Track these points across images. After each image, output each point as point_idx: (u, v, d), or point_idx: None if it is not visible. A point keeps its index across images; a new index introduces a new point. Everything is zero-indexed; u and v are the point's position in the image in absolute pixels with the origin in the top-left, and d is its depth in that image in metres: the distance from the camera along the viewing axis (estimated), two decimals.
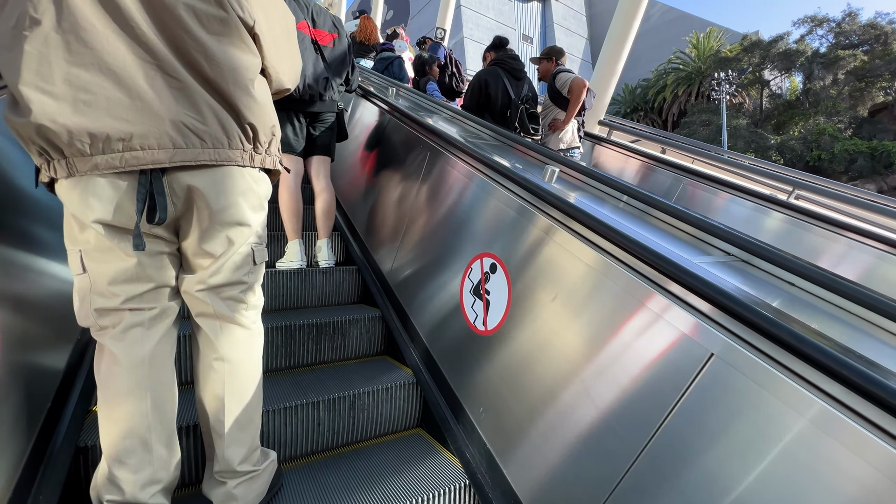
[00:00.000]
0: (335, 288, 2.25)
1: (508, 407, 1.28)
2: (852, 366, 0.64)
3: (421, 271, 1.90)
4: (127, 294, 0.93)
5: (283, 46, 1.14)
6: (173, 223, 0.98)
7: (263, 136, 1.04)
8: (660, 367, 0.93)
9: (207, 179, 0.95)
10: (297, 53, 1.24)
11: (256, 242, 1.09)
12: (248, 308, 1.11)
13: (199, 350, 1.09)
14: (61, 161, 0.83)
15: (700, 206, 3.53)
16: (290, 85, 1.20)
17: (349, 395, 1.54)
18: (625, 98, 26.52)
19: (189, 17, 0.88)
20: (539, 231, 1.35)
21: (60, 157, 0.83)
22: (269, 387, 1.55)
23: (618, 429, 0.98)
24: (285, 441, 1.43)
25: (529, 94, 3.52)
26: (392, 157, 2.56)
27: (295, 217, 2.27)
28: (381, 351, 2.01)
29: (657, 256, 0.96)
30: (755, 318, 0.76)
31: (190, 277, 1.03)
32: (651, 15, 27.54)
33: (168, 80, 0.88)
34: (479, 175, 1.70)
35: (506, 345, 1.36)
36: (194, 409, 1.15)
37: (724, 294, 0.82)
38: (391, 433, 1.63)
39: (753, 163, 4.58)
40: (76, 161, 0.83)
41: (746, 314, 0.78)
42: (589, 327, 1.13)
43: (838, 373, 0.65)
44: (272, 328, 1.73)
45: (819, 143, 17.33)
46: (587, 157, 4.80)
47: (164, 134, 0.87)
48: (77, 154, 0.83)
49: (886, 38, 18.01)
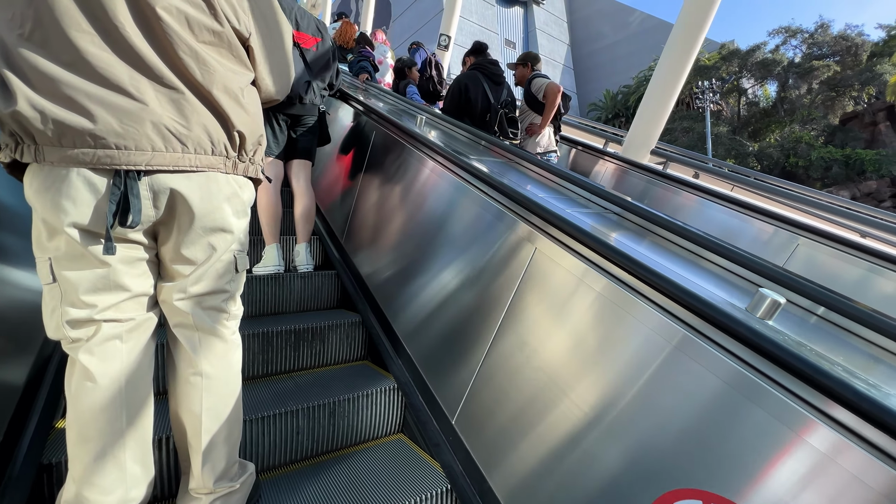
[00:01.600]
0: (314, 292, 2.24)
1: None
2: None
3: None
4: (102, 304, 0.90)
5: (277, 58, 1.14)
6: (153, 228, 0.95)
7: (250, 145, 1.03)
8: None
9: (191, 183, 0.93)
10: (290, 64, 1.24)
11: (239, 249, 1.07)
12: (229, 318, 1.09)
13: (176, 363, 1.06)
14: (31, 147, 0.81)
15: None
16: (280, 96, 1.20)
17: (329, 403, 1.53)
18: (606, 104, 27.16)
19: (180, 23, 0.87)
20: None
21: (31, 142, 0.81)
22: (246, 395, 1.53)
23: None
24: (264, 451, 1.41)
25: (508, 99, 3.60)
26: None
27: (274, 221, 2.25)
28: (362, 356, 2.00)
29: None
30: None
31: (169, 286, 1.00)
32: (631, 22, 28.37)
33: (153, 84, 0.87)
34: (456, 178, 1.71)
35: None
36: (167, 420, 1.12)
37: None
38: (372, 439, 1.62)
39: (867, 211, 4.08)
40: (46, 150, 0.81)
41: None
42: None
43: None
44: (249, 335, 1.71)
45: (796, 151, 18.12)
46: (564, 160, 4.91)
47: (143, 135, 0.85)
48: (48, 143, 0.81)
49: (857, 50, 18.98)
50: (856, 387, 0.63)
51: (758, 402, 0.74)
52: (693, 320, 0.88)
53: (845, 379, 0.65)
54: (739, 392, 0.77)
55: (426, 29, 24.28)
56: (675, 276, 0.93)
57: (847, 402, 0.63)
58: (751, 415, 0.75)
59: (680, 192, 3.79)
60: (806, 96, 19.42)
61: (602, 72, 29.77)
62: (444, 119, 2.88)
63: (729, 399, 0.78)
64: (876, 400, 0.60)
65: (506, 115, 3.49)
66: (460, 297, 1.54)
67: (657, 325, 0.93)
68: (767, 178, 4.99)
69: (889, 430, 0.59)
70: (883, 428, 0.59)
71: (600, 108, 27.53)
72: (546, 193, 1.61)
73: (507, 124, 3.48)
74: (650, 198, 3.99)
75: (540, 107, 3.54)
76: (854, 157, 17.19)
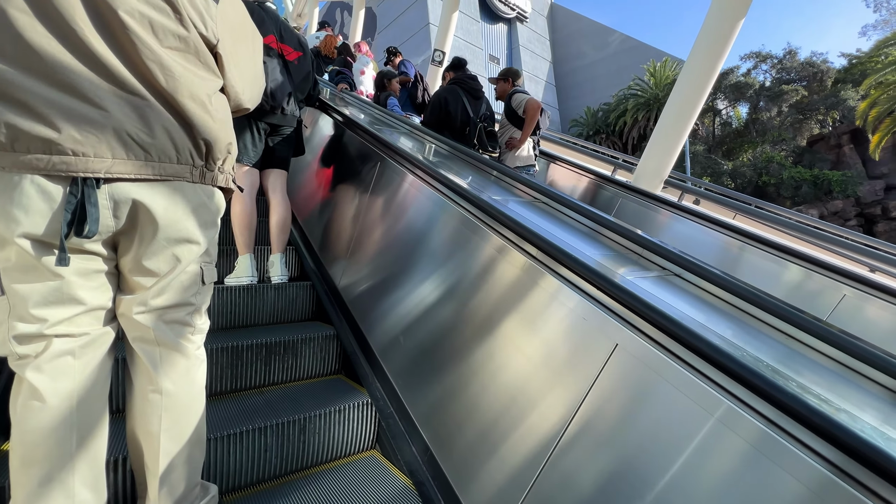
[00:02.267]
0: (288, 304, 2.20)
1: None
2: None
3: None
4: (53, 318, 0.86)
5: (247, 67, 1.13)
6: (112, 239, 0.92)
7: (218, 153, 1.01)
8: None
9: (155, 192, 0.91)
10: (260, 74, 1.24)
11: (206, 261, 1.04)
12: (194, 332, 1.06)
13: (134, 380, 1.01)
14: None
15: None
16: (250, 105, 1.19)
17: (300, 419, 1.49)
18: (587, 120, 27.87)
19: (142, 28, 0.86)
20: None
21: None
22: (212, 412, 1.48)
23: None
24: (229, 470, 1.36)
25: (487, 113, 3.69)
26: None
27: (248, 230, 2.21)
28: (336, 370, 1.96)
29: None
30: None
31: (129, 298, 0.96)
32: (610, 43, 29.33)
33: (115, 89, 0.85)
34: (434, 192, 1.71)
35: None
36: (124, 440, 1.07)
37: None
38: (345, 457, 1.58)
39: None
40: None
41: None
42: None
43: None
44: (218, 349, 1.66)
45: (768, 170, 18.95)
46: (542, 174, 5.00)
47: (103, 142, 0.83)
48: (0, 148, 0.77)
49: (822, 76, 20.11)
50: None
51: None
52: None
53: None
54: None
55: (411, 42, 24.58)
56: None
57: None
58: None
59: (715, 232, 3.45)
60: (776, 118, 20.36)
61: (583, 89, 30.60)
62: (424, 132, 2.91)
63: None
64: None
65: (485, 129, 3.56)
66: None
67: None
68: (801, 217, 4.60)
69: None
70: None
71: (581, 124, 28.24)
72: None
73: (486, 138, 3.55)
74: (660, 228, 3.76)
75: (520, 121, 3.62)
76: (822, 177, 18.10)
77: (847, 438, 0.62)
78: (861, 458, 0.61)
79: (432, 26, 24.22)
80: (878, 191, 18.06)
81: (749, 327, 1.02)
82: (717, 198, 4.94)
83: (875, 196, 18.02)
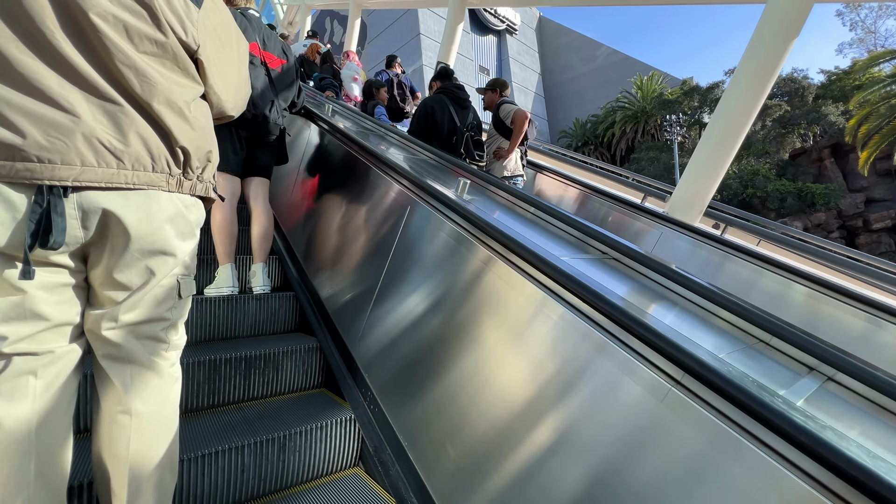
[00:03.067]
0: (270, 316, 2.15)
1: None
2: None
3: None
4: (14, 335, 0.80)
5: (231, 74, 1.11)
6: (81, 251, 0.87)
7: (196, 162, 0.98)
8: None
9: (128, 202, 0.87)
10: (245, 81, 1.22)
11: (183, 274, 1.00)
12: (168, 349, 1.01)
13: (102, 399, 0.96)
14: None
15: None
16: (234, 112, 1.17)
17: (279, 437, 1.44)
18: (576, 131, 28.38)
19: (116, 31, 0.83)
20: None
21: None
22: (187, 430, 1.43)
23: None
24: (203, 493, 1.30)
25: (474, 122, 3.71)
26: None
27: (229, 240, 2.17)
28: (319, 384, 1.92)
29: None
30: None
31: (98, 313, 0.91)
32: (597, 56, 30.03)
33: (86, 95, 0.81)
34: (423, 203, 1.70)
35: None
36: (89, 464, 1.02)
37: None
38: (326, 475, 1.53)
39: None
40: None
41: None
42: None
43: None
44: (194, 363, 1.60)
45: (754, 183, 19.45)
46: (529, 185, 5.00)
47: (71, 149, 0.79)
48: None
49: (804, 92, 20.82)
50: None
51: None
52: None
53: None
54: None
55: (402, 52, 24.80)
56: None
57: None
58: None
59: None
60: (760, 132, 20.93)
61: (571, 101, 31.19)
62: (411, 141, 2.90)
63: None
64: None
65: (471, 139, 3.58)
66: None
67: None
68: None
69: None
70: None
71: (570, 135, 28.73)
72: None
73: (472, 147, 3.56)
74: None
75: (508, 132, 3.65)
76: (806, 190, 18.70)
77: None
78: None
79: (423, 37, 24.47)
80: (859, 203, 18.66)
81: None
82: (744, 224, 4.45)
83: (856, 209, 18.61)
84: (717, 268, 3.35)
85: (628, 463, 0.87)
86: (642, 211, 3.98)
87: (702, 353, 0.83)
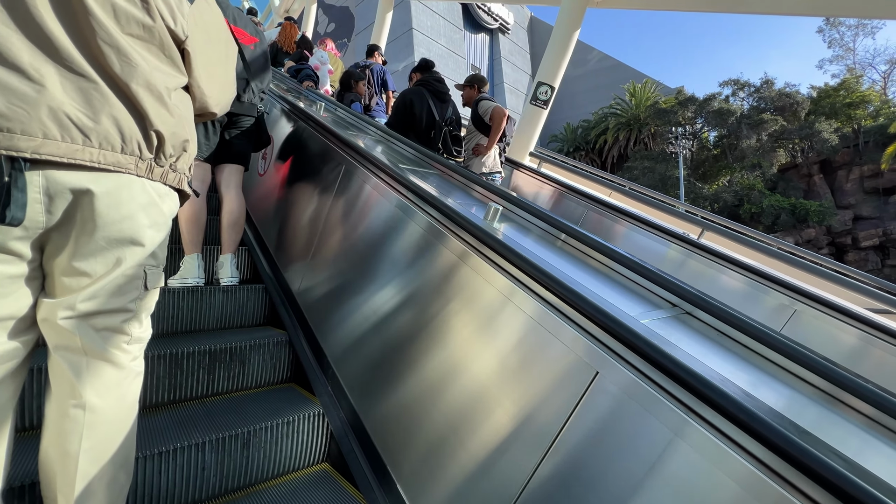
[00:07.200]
0: (238, 308, 2.15)
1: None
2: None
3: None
4: None
5: (218, 72, 1.13)
6: (40, 239, 0.86)
7: (171, 149, 0.98)
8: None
9: (99, 186, 0.86)
10: (232, 82, 1.24)
11: (151, 264, 1.00)
12: (130, 341, 1.00)
13: (53, 391, 0.94)
14: None
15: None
16: (217, 110, 1.19)
17: (243, 433, 1.46)
18: (567, 137, 28.82)
19: (104, 10, 0.85)
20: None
21: None
22: (145, 426, 1.42)
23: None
24: (160, 492, 1.31)
25: (453, 117, 3.80)
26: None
27: (196, 229, 2.17)
28: (287, 378, 1.93)
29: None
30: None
31: (53, 302, 0.89)
32: (589, 60, 30.60)
33: (59, 68, 0.82)
34: (396, 194, 1.74)
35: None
36: (34, 464, 0.99)
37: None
38: (293, 471, 1.55)
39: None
40: None
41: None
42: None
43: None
44: (155, 356, 1.61)
45: (749, 197, 20.09)
46: (507, 182, 5.10)
47: (34, 119, 0.78)
48: None
49: (797, 107, 21.62)
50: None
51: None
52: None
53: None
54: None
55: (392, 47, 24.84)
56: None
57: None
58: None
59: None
60: (756, 144, 21.63)
61: (562, 104, 31.64)
62: (389, 134, 2.95)
63: None
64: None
65: (450, 133, 3.65)
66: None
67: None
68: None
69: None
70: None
71: (561, 139, 29.17)
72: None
73: (451, 142, 3.64)
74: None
75: (486, 128, 3.76)
76: (799, 206, 19.44)
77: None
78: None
79: (415, 32, 24.59)
80: (847, 221, 19.44)
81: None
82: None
83: (844, 226, 19.38)
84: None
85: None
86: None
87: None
